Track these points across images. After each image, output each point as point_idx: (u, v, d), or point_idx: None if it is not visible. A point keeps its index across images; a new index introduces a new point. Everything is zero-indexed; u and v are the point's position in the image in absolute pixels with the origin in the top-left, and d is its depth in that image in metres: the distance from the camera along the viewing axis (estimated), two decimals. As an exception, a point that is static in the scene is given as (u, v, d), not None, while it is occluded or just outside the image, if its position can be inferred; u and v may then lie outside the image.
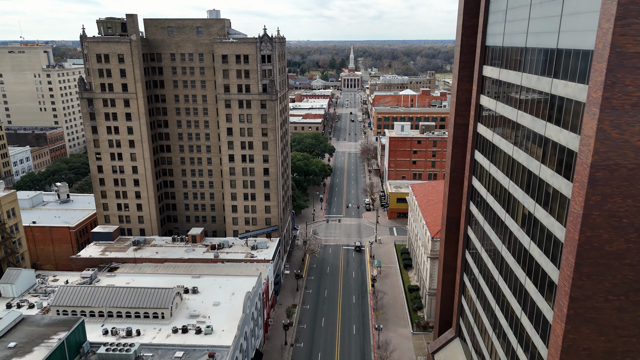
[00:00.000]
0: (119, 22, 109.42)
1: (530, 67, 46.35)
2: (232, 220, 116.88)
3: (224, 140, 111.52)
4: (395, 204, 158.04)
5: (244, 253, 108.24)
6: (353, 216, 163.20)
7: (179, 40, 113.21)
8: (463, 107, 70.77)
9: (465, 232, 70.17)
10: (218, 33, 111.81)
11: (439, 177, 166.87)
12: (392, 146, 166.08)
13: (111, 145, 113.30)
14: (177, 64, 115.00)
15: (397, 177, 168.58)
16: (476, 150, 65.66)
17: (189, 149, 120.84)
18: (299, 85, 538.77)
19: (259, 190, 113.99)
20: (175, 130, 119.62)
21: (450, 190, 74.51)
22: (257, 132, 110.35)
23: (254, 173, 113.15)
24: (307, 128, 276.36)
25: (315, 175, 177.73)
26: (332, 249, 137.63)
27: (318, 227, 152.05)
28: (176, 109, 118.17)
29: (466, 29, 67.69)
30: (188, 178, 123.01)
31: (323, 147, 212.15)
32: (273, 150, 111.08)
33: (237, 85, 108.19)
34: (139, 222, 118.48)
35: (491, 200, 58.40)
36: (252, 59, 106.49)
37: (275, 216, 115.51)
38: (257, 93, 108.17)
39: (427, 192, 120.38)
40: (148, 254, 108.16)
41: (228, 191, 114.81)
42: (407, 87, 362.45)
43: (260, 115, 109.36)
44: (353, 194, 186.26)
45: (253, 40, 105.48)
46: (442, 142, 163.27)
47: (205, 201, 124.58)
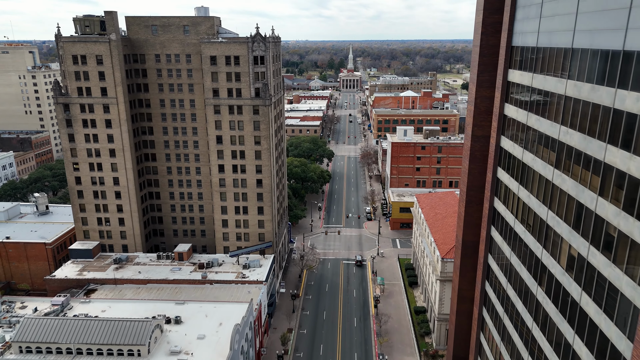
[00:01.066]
0: (97, 20, 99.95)
1: (579, 73, 37.10)
2: (222, 236, 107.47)
3: (213, 149, 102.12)
4: (398, 213, 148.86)
5: (234, 273, 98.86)
6: (353, 226, 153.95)
7: (164, 39, 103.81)
8: (482, 117, 61.54)
9: (485, 260, 60.91)
10: (207, 32, 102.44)
11: (444, 184, 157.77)
12: (394, 152, 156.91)
13: (90, 154, 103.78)
14: (162, 65, 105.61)
15: (399, 184, 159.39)
16: (499, 167, 56.41)
17: (176, 157, 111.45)
18: (296, 86, 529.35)
19: (252, 203, 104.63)
20: (161, 138, 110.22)
21: (467, 211, 65.29)
22: (249, 141, 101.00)
23: (245, 185, 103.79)
24: (304, 131, 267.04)
25: (314, 182, 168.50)
26: (331, 264, 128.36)
27: (316, 239, 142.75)
28: (162, 115, 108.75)
29: (487, 27, 58.45)
30: (175, 189, 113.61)
31: (321, 152, 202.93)
32: (267, 160, 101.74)
33: (227, 89, 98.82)
34: (121, 237, 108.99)
35: (521, 230, 49.13)
36: (243, 61, 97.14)
37: (270, 231, 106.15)
38: (249, 98, 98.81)
39: (434, 204, 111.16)
40: (130, 274, 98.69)
41: (218, 204, 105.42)
42: (408, 88, 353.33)
43: (253, 122, 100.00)
44: (353, 201, 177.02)
45: (244, 40, 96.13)
46: (448, 147, 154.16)
47: (194, 214, 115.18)
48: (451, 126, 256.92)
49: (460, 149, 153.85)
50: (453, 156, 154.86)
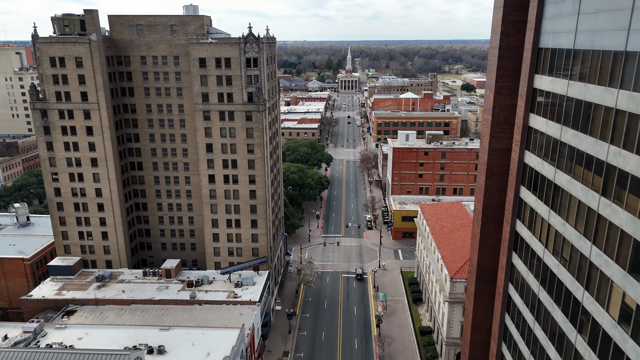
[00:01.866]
0: (77, 20, 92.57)
1: (637, 83, 30.02)
2: (213, 251, 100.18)
3: (202, 159, 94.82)
4: (400, 222, 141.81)
5: (225, 292, 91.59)
6: (353, 236, 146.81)
7: (150, 40, 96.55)
8: (501, 128, 54.45)
9: (505, 290, 53.81)
10: (196, 32, 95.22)
11: (448, 191, 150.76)
12: (395, 158, 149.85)
13: (70, 164, 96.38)
14: (148, 68, 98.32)
15: (401, 191, 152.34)
16: (523, 186, 49.34)
17: (164, 166, 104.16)
18: (294, 87, 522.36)
19: (245, 216, 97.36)
20: (147, 145, 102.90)
21: (483, 232, 58.19)
22: (242, 149, 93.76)
23: (238, 196, 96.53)
24: (302, 134, 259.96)
25: (311, 189, 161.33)
26: (330, 278, 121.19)
27: (314, 251, 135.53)
28: (148, 121, 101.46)
29: (507, 26, 51.39)
30: (163, 200, 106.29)
31: (319, 157, 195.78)
32: (261, 170, 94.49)
33: (217, 93, 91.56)
34: (105, 252, 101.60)
35: (553, 263, 42.06)
36: (234, 63, 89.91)
37: (264, 245, 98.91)
38: (241, 103, 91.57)
39: (440, 215, 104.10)
40: (113, 293, 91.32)
41: (208, 217, 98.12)
42: (408, 89, 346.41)
43: (245, 129, 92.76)
44: (352, 208, 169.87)
45: (236, 41, 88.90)
46: (452, 153, 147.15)
47: (184, 226, 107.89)
48: (453, 129, 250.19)
49: (465, 155, 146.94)
50: (457, 162, 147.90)
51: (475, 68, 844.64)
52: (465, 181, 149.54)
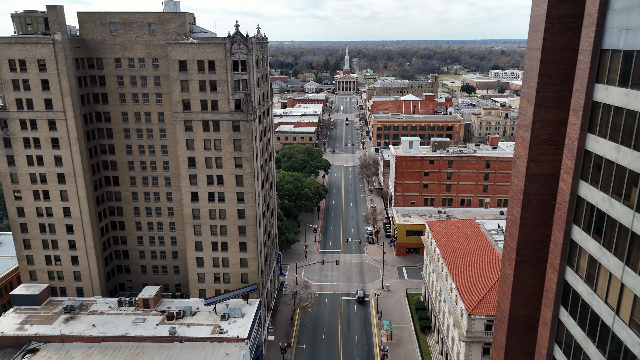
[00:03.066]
0: (41, 17, 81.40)
1: None
2: (197, 277, 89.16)
3: (184, 174, 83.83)
4: (404, 237, 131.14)
5: (210, 326, 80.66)
6: (353, 251, 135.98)
7: (125, 40, 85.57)
8: (542, 148, 43.78)
9: (549, 352, 43.03)
10: (177, 31, 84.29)
11: (455, 203, 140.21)
12: (398, 167, 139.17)
13: (34, 180, 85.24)
14: (124, 71, 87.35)
15: (405, 202, 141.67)
16: (577, 226, 38.63)
17: (142, 181, 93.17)
18: (291, 89, 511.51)
19: (232, 238, 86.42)
20: (124, 158, 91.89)
21: (517, 275, 47.49)
22: (229, 163, 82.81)
23: (224, 216, 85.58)
24: (299, 138, 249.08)
25: (308, 199, 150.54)
26: (328, 301, 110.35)
27: (311, 269, 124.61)
28: (125, 131, 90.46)
29: (553, 22, 40.72)
30: (143, 218, 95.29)
31: (317, 163, 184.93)
32: (250, 186, 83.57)
33: (200, 101, 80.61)
34: (75, 279, 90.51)
35: (629, 340, 31.33)
36: (219, 66, 78.96)
37: (254, 271, 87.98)
38: (227, 111, 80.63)
39: (451, 235, 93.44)
40: (82, 328, 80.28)
41: (191, 240, 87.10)
42: (408, 91, 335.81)
43: (233, 141, 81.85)
44: (352, 220, 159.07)
45: (220, 41, 77.96)
46: (459, 162, 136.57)
47: (166, 247, 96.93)
48: (456, 133, 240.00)
49: (473, 164, 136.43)
50: (465, 171, 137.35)
51: (474, 69, 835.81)
52: (474, 192, 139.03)
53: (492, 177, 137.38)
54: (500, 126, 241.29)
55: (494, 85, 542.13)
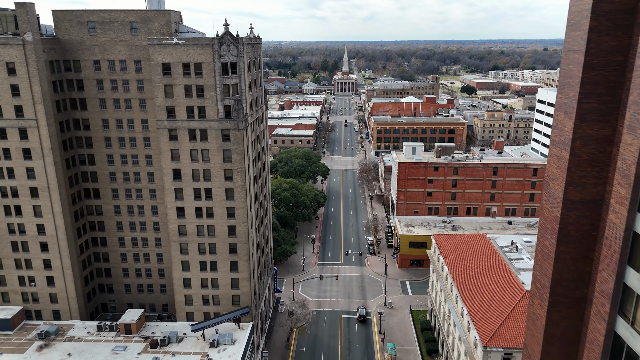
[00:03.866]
0: (11, 15, 74.09)
1: None
2: (184, 299, 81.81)
3: (168, 188, 76.51)
4: (408, 248, 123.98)
5: (198, 354, 73.40)
6: (354, 264, 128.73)
7: (105, 41, 78.25)
8: (583, 170, 36.59)
9: (592, 416, 35.82)
10: (161, 31, 77.01)
11: (461, 211, 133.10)
12: (401, 174, 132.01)
13: (4, 194, 77.87)
14: (104, 75, 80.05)
15: (408, 211, 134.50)
16: (632, 270, 31.44)
17: (125, 194, 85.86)
18: (289, 90, 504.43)
19: (222, 257, 79.11)
20: (105, 169, 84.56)
21: (550, 317, 40.29)
22: (218, 176, 75.52)
23: (214, 233, 78.27)
24: (296, 141, 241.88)
25: (306, 207, 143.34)
26: (327, 319, 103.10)
27: (309, 284, 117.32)
28: (105, 140, 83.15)
29: (599, 19, 33.56)
30: (126, 234, 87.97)
31: (315, 169, 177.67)
32: (242, 200, 76.28)
33: (185, 107, 73.30)
34: (51, 301, 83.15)
35: None
36: (207, 69, 71.67)
37: (246, 292, 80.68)
38: (215, 119, 73.35)
39: (461, 252, 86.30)
40: (56, 358, 72.91)
41: (177, 259, 79.77)
42: (409, 92, 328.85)
43: (222, 152, 74.56)
44: (352, 229, 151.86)
45: (208, 42, 70.67)
46: (465, 169, 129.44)
47: (152, 264, 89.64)
48: (458, 136, 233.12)
49: (480, 171, 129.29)
50: (471, 179, 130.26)
51: (473, 69, 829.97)
52: (480, 200, 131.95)
53: (499, 185, 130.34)
54: (504, 129, 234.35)
55: (494, 86, 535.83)
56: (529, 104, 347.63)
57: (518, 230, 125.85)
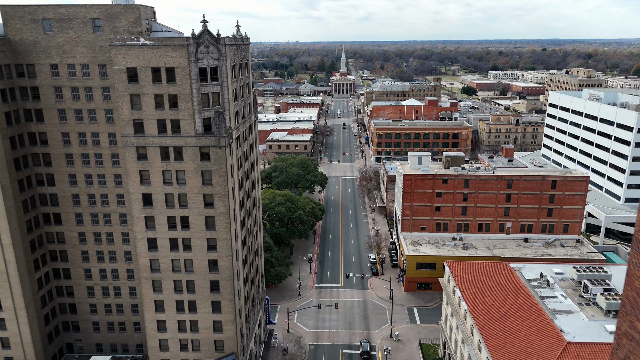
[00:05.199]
0: (-52, 11, 62.12)
1: None
2: (158, 344, 69.75)
3: (138, 215, 64.54)
4: (415, 270, 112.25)
5: (173, 416, 61.43)
6: (355, 286, 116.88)
7: (63, 41, 66.34)
8: None
9: None
10: (130, 29, 65.14)
11: (472, 228, 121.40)
12: (406, 187, 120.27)
13: (-58, 224, 65.80)
14: (63, 81, 68.12)
15: (414, 228, 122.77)
16: None
17: (91, 219, 73.90)
18: (285, 91, 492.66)
19: (203, 296, 67.17)
20: (67, 191, 72.59)
21: None
22: (196, 201, 63.63)
23: (192, 268, 66.34)
24: (292, 147, 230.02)
25: (302, 223, 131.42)
26: (326, 355, 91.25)
27: (305, 313, 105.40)
28: (67, 157, 71.19)
29: None
30: (93, 264, 75.99)
31: (312, 178, 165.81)
32: (224, 230, 64.37)
33: (156, 121, 61.38)
34: (3, 346, 71.08)
35: None
36: (181, 75, 59.76)
37: (231, 337, 68.72)
38: (192, 134, 61.43)
39: (480, 284, 74.58)
40: (3, 420, 60.88)
41: (150, 298, 67.79)
42: (409, 94, 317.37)
43: (201, 173, 62.67)
44: (352, 245, 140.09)
45: (182, 43, 58.75)
46: (477, 181, 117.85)
47: (123, 299, 77.71)
48: (463, 141, 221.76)
49: (493, 183, 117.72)
50: (483, 192, 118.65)
51: (472, 69, 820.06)
52: (494, 215, 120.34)
53: (514, 199, 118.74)
54: (510, 133, 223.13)
55: (494, 86, 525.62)
56: (533, 106, 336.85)
57: (536, 249, 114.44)
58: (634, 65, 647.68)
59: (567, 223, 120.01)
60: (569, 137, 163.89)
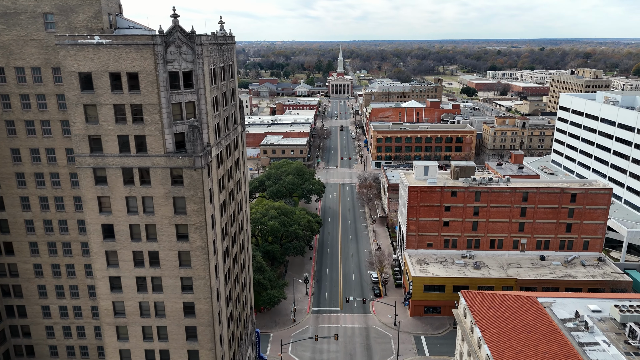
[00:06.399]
0: None
1: None
2: (125, 401, 58.88)
3: (97, 250, 53.59)
4: (422, 293, 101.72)
5: None
6: (356, 310, 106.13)
7: (9, 40, 55.40)
8: None
9: None
10: (88, 25, 54.24)
11: (483, 245, 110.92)
12: (412, 199, 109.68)
13: None
14: (10, 88, 57.21)
15: (420, 244, 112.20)
16: None
17: (49, 249, 62.94)
18: (281, 92, 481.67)
19: (177, 344, 56.27)
20: (18, 216, 61.58)
21: None
22: (167, 234, 52.75)
23: (163, 312, 55.46)
24: (288, 151, 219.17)
25: (298, 238, 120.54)
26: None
27: (301, 344, 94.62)
28: (17, 176, 60.23)
29: None
30: (52, 301, 65.06)
31: (309, 187, 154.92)
32: (202, 268, 53.52)
33: (117, 137, 50.44)
34: (-59, 404, 60.01)
35: None
36: (147, 82, 48.80)
37: (213, 391, 57.82)
38: (161, 154, 50.50)
39: (505, 323, 63.97)
40: None
41: (113, 348, 56.82)
42: (409, 96, 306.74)
43: (173, 200, 51.78)
44: (352, 261, 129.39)
45: (147, 41, 47.79)
46: (489, 194, 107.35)
47: (88, 340, 66.81)
48: (466, 145, 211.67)
49: (507, 196, 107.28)
50: (496, 206, 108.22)
51: (470, 69, 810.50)
52: (507, 231, 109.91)
53: (530, 213, 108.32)
54: (516, 137, 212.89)
55: (494, 87, 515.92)
56: (536, 107, 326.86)
57: (554, 268, 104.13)
58: (633, 65, 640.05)
59: (588, 239, 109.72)
60: (582, 142, 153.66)
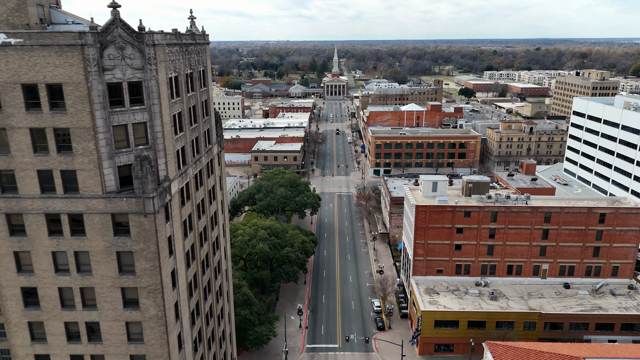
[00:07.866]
0: None
1: None
2: None
3: (17, 322, 40.01)
4: (432, 329, 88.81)
5: None
6: (357, 349, 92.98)
7: None
8: None
9: None
10: (9, 20, 40.67)
11: (500, 271, 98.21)
12: (420, 220, 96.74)
13: None
14: None
15: (428, 270, 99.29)
16: None
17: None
18: (274, 93, 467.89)
19: None
20: None
21: None
22: (111, 299, 39.27)
23: (110, 401, 41.90)
24: (281, 158, 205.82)
25: (290, 262, 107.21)
26: None
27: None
28: None
29: None
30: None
31: (302, 200, 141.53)
32: (159, 344, 40.07)
33: (36, 172, 36.85)
34: None
35: None
36: (75, 96, 35.26)
37: None
38: (99, 195, 36.98)
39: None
40: None
41: None
42: (409, 98, 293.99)
43: (116, 255, 38.27)
44: (351, 285, 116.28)
45: (72, 41, 34.25)
46: (507, 214, 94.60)
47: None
48: (470, 151, 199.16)
49: (527, 217, 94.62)
50: (514, 227, 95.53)
51: (467, 69, 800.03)
52: (527, 255, 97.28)
53: (553, 236, 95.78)
54: (523, 143, 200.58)
55: (492, 87, 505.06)
56: (539, 109, 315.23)
57: (581, 298, 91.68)
58: (631, 65, 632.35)
59: (617, 264, 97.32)
60: (600, 151, 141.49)
